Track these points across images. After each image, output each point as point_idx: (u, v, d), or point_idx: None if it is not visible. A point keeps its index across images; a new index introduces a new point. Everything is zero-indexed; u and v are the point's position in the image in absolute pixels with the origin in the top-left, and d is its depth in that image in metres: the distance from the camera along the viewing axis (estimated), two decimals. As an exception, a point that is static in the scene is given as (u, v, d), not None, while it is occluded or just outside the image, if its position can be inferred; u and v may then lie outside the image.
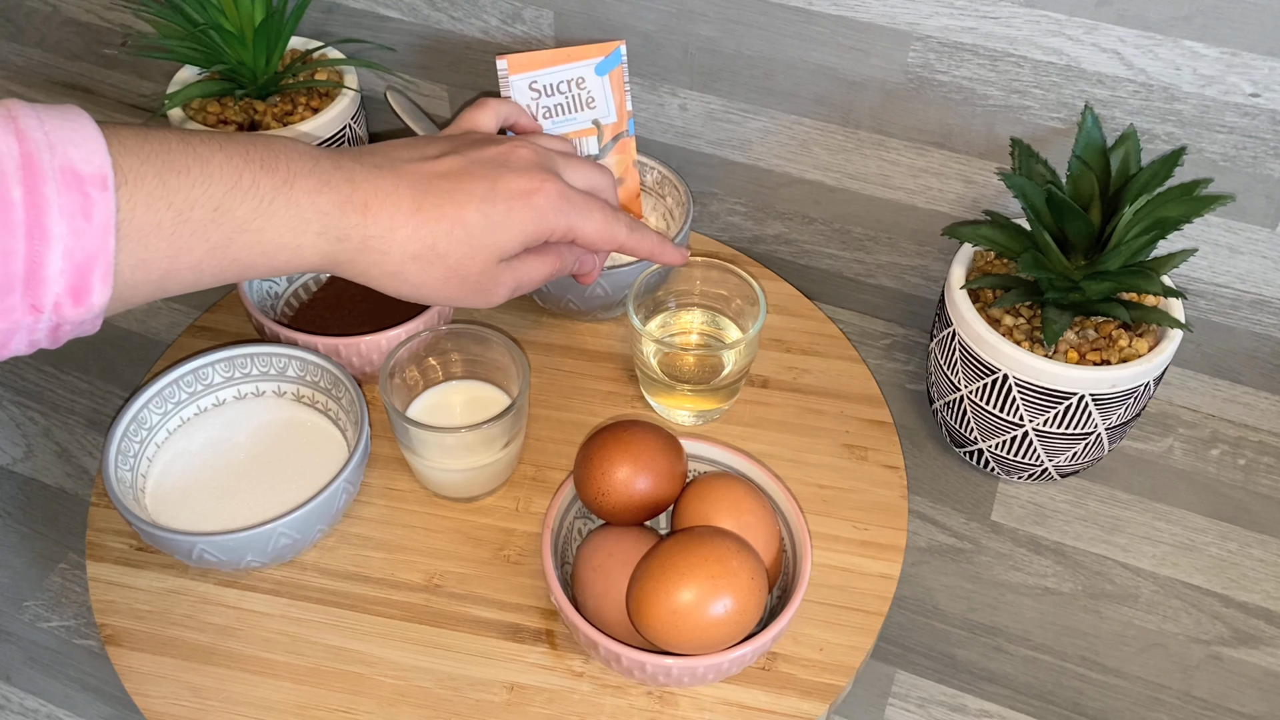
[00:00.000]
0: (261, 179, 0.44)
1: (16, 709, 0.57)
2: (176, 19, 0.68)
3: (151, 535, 0.54)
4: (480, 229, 0.49)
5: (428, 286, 0.50)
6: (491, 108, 0.59)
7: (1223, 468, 0.68)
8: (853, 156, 0.70)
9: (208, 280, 0.44)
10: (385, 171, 0.48)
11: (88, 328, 0.41)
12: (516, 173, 0.51)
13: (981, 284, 0.61)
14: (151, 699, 0.53)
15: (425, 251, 0.48)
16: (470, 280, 0.50)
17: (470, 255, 0.49)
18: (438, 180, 0.49)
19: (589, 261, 0.58)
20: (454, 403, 0.62)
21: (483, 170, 0.51)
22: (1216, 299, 0.68)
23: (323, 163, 0.47)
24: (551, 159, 0.54)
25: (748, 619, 0.48)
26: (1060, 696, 0.58)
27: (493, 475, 0.60)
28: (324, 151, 0.48)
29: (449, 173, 0.50)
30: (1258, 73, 0.58)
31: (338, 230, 0.46)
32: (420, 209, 0.48)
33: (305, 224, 0.45)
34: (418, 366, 0.61)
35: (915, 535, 0.64)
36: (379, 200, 0.47)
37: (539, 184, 0.51)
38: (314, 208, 0.45)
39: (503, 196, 0.50)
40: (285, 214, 0.45)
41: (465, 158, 0.51)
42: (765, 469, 0.56)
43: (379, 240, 0.47)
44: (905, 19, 0.62)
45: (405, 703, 0.53)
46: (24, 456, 0.68)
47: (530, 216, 0.51)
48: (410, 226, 0.48)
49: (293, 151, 0.46)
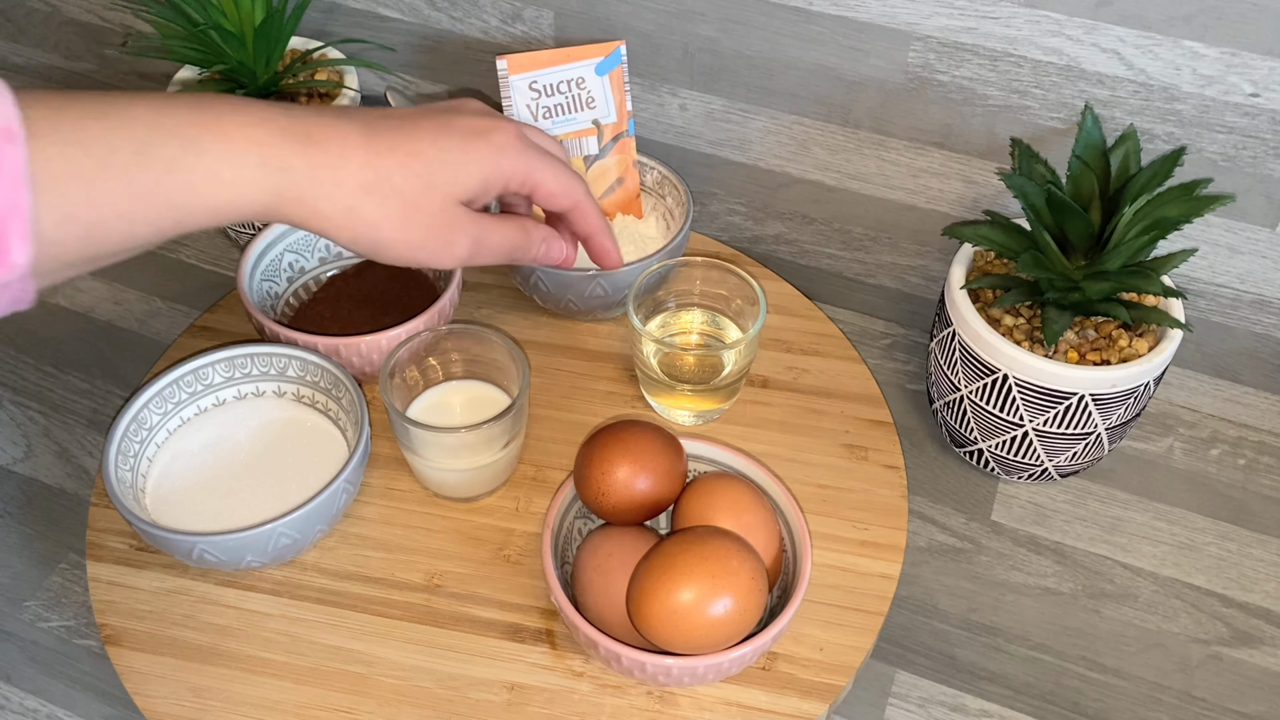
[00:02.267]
0: (188, 117, 0.42)
1: (16, 709, 0.57)
2: (176, 19, 0.68)
3: (151, 535, 0.54)
4: (436, 162, 0.47)
5: (386, 226, 0.47)
6: None
7: (1223, 468, 0.68)
8: (853, 156, 0.70)
9: (143, 232, 0.41)
10: (327, 113, 0.46)
11: (18, 294, 0.38)
12: (470, 115, 0.50)
13: (981, 284, 0.61)
14: (151, 699, 0.53)
15: (379, 183, 0.46)
16: (430, 221, 0.48)
17: (427, 190, 0.47)
18: (387, 120, 0.48)
19: (557, 249, 0.56)
20: (454, 403, 0.62)
21: (434, 113, 0.49)
22: (1216, 299, 0.68)
23: (258, 104, 0.44)
24: (506, 118, 0.53)
25: (748, 619, 0.48)
26: (1060, 696, 0.58)
27: (493, 475, 0.60)
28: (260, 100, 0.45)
29: (399, 115, 0.48)
30: (1258, 73, 0.58)
31: (279, 160, 0.43)
32: (370, 140, 0.46)
33: (241, 155, 0.43)
34: (418, 366, 0.61)
35: (915, 535, 0.64)
36: (323, 132, 0.45)
37: (494, 123, 0.50)
38: (249, 139, 0.43)
39: (458, 132, 0.48)
40: (217, 149, 0.42)
41: (415, 108, 0.50)
42: (765, 469, 0.56)
43: (329, 170, 0.45)
44: (905, 19, 0.62)
45: (405, 703, 0.53)
46: (24, 456, 0.68)
47: (488, 154, 0.49)
48: (362, 155, 0.45)
49: (223, 98, 0.44)
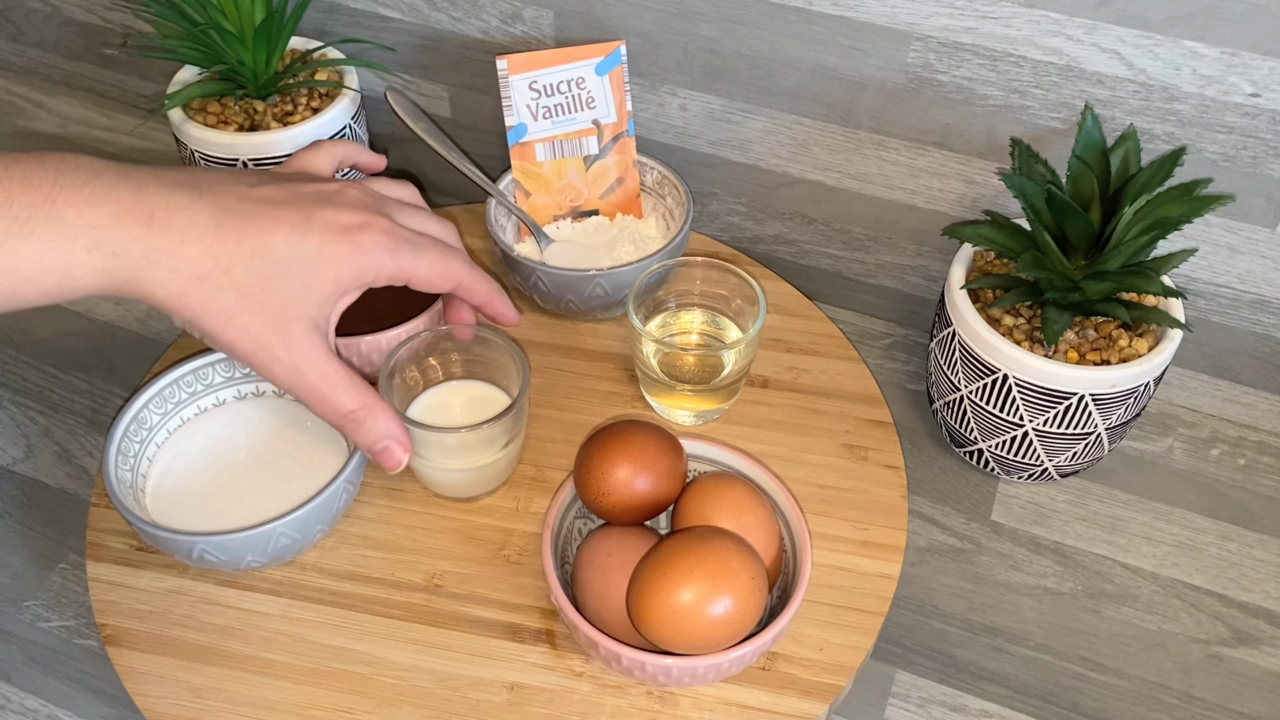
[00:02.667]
0: (17, 196, 0.39)
1: (16, 709, 0.57)
2: (176, 19, 0.68)
3: (151, 535, 0.54)
4: (286, 261, 0.43)
5: (210, 316, 0.43)
6: (325, 149, 0.54)
7: (1223, 468, 0.68)
8: (853, 156, 0.70)
9: None
10: (185, 188, 0.43)
11: None
12: (339, 208, 0.46)
13: (981, 284, 0.61)
14: (151, 699, 0.53)
15: (217, 274, 0.42)
16: (259, 324, 0.44)
17: (268, 290, 0.43)
18: (246, 204, 0.44)
19: (393, 458, 0.50)
20: (454, 403, 0.62)
21: (301, 202, 0.45)
22: (1216, 299, 0.68)
23: (105, 175, 0.42)
24: (384, 202, 0.49)
25: (748, 619, 0.48)
26: (1060, 696, 0.58)
27: (493, 475, 0.60)
28: (118, 166, 0.43)
29: (262, 200, 0.45)
30: (1258, 73, 0.58)
31: (113, 244, 0.41)
32: (219, 227, 0.43)
33: (71, 240, 0.40)
34: (418, 366, 0.61)
35: (915, 535, 0.64)
36: (168, 213, 0.42)
37: (363, 220, 0.46)
38: (82, 220, 0.40)
39: (319, 229, 0.45)
40: (45, 230, 0.40)
41: (285, 189, 0.46)
42: (765, 469, 0.56)
43: (165, 255, 0.42)
44: (905, 19, 0.62)
45: (405, 703, 0.53)
46: (24, 456, 0.68)
47: (349, 252, 0.45)
48: (204, 243, 0.42)
49: (68, 165, 0.41)
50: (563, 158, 0.70)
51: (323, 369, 0.46)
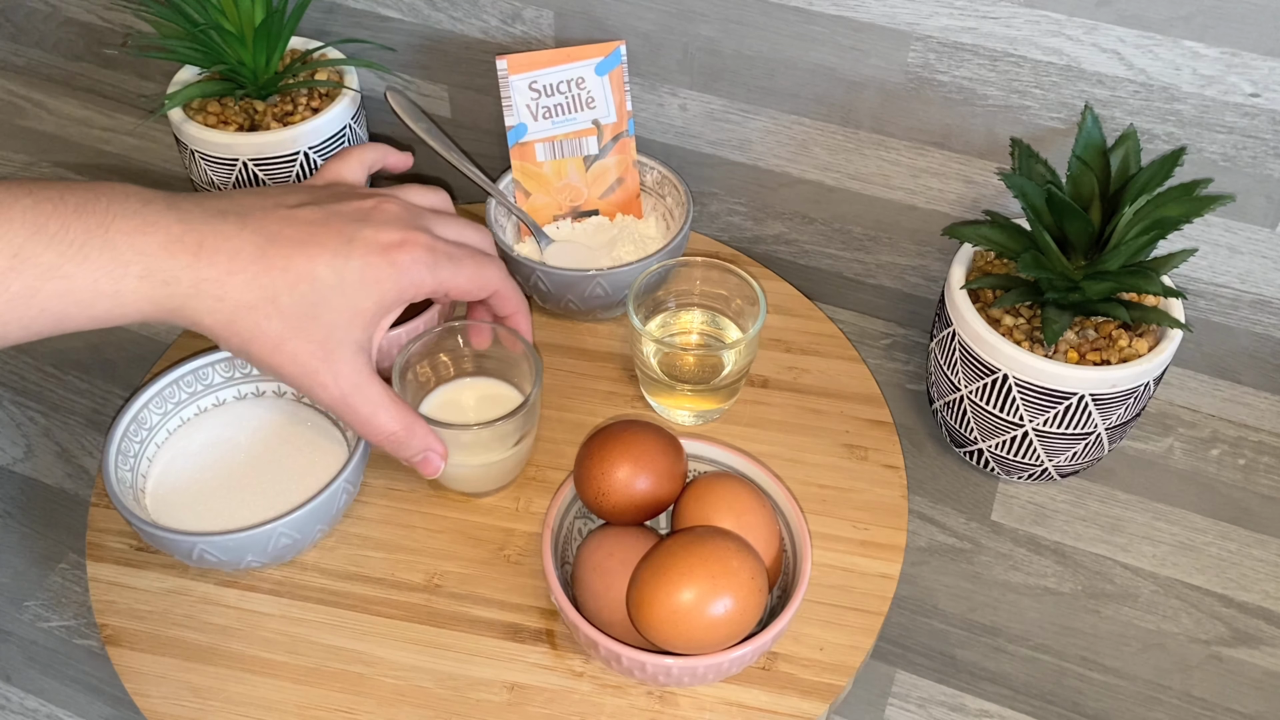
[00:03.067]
0: (73, 223, 0.40)
1: (16, 709, 0.57)
2: (176, 19, 0.68)
3: (151, 535, 0.54)
4: (330, 286, 0.45)
5: (258, 343, 0.44)
6: (356, 156, 0.55)
7: (1223, 468, 0.68)
8: (853, 156, 0.70)
9: (16, 334, 0.40)
10: (229, 216, 0.44)
11: None
12: (378, 227, 0.47)
13: (981, 284, 0.61)
14: (151, 699, 0.53)
15: (263, 303, 0.44)
16: (309, 350, 0.45)
17: (314, 318, 0.44)
18: (289, 228, 0.45)
19: (433, 465, 0.53)
20: (466, 400, 0.62)
21: (341, 224, 0.46)
22: (1216, 299, 0.68)
23: (154, 204, 0.43)
24: (420, 214, 0.50)
25: (748, 619, 0.48)
26: (1060, 696, 0.58)
27: (505, 471, 0.60)
28: (163, 195, 0.44)
29: (303, 222, 0.46)
30: (1258, 73, 0.58)
31: (163, 273, 0.42)
32: (264, 255, 0.44)
33: (124, 267, 0.41)
34: (430, 363, 0.61)
35: (915, 535, 0.64)
36: (215, 242, 0.43)
37: (402, 237, 0.47)
38: (134, 249, 0.41)
39: (360, 251, 0.46)
40: (100, 258, 0.41)
41: (324, 209, 0.47)
42: (765, 469, 0.56)
43: (212, 284, 0.43)
44: (905, 19, 0.62)
45: (405, 703, 0.53)
46: (24, 456, 0.68)
47: (390, 274, 0.46)
48: (249, 273, 0.43)
49: (118, 194, 0.42)
50: (563, 158, 0.70)
51: (367, 393, 0.48)
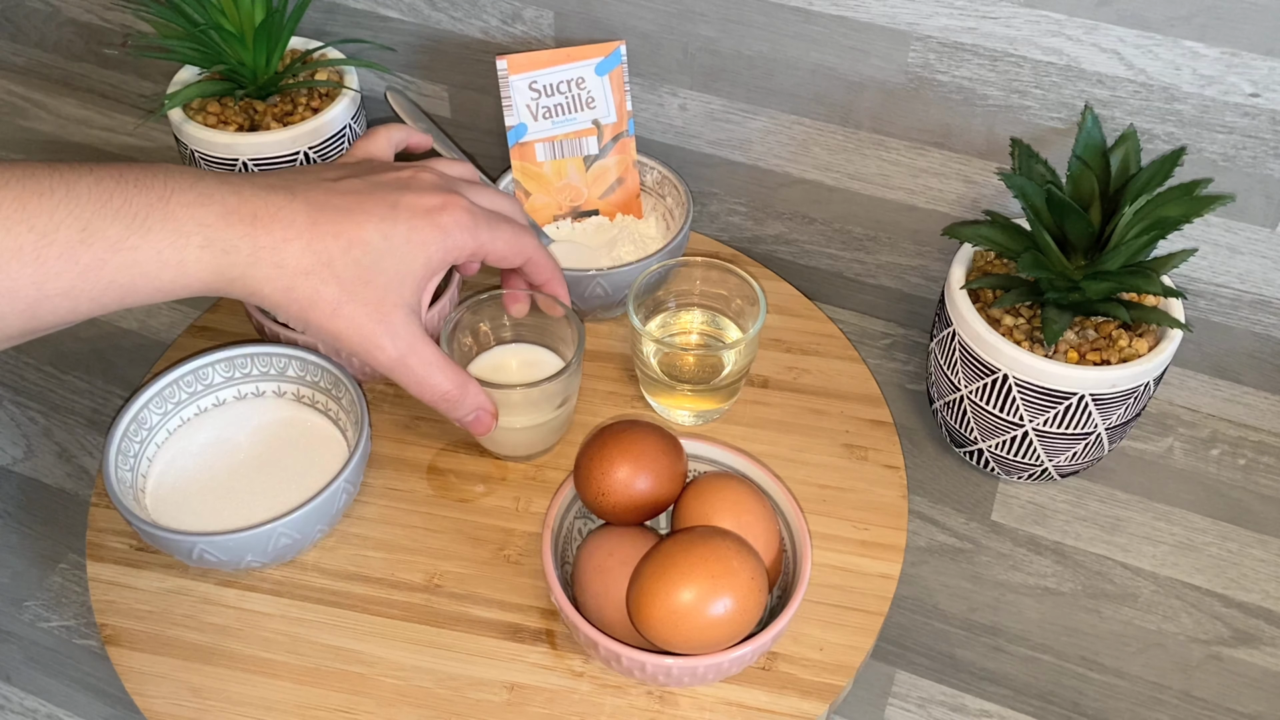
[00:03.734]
0: (135, 196, 0.42)
1: (16, 709, 0.57)
2: (176, 19, 0.68)
3: (151, 535, 0.54)
4: (380, 249, 0.46)
5: (318, 309, 0.46)
6: (383, 135, 0.56)
7: (1223, 468, 0.68)
8: (853, 156, 0.70)
9: (85, 308, 0.42)
10: (278, 190, 0.46)
11: None
12: (419, 192, 0.49)
13: (981, 284, 0.61)
14: (151, 699, 0.53)
15: (319, 268, 0.45)
16: (361, 313, 0.47)
17: (365, 281, 0.46)
18: (335, 198, 0.47)
19: (484, 423, 0.55)
20: (510, 363, 0.64)
21: (384, 191, 0.48)
22: (1216, 299, 0.68)
23: (207, 179, 0.45)
24: (454, 182, 0.52)
25: (748, 619, 0.48)
26: (1060, 696, 0.58)
27: (550, 433, 0.62)
28: (216, 174, 0.46)
29: (348, 192, 0.47)
30: (1258, 73, 0.58)
31: (223, 242, 0.44)
32: (315, 223, 0.46)
33: (186, 238, 0.43)
34: (472, 331, 0.63)
35: (915, 535, 0.64)
36: (270, 212, 0.45)
37: (443, 201, 0.49)
38: (194, 220, 0.43)
39: (405, 215, 0.48)
40: (162, 229, 0.42)
41: (366, 180, 0.49)
42: (765, 469, 0.56)
43: (270, 252, 0.45)
44: (905, 19, 0.62)
45: (405, 703, 0.53)
46: (24, 456, 0.68)
47: (435, 236, 0.48)
48: (304, 239, 0.45)
49: (174, 171, 0.44)
50: (563, 158, 0.70)
51: (422, 354, 0.50)
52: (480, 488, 0.62)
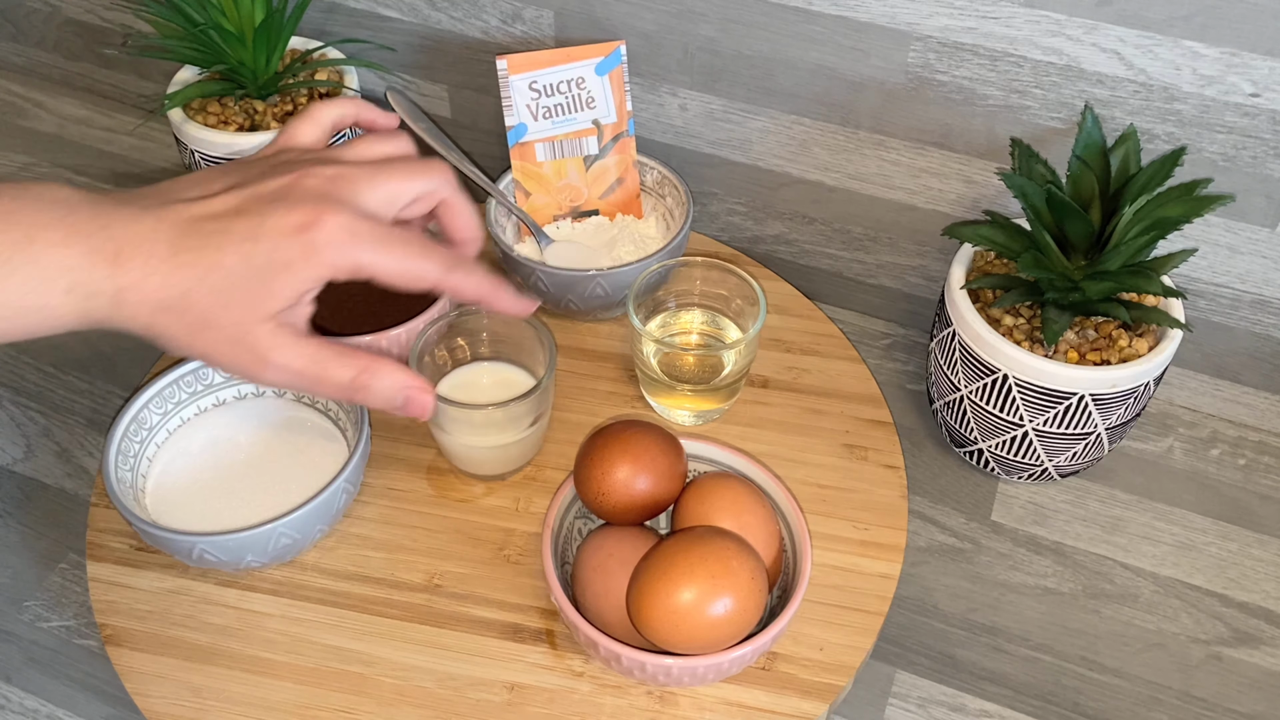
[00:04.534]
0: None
1: (16, 709, 0.57)
2: (176, 19, 0.68)
3: (151, 535, 0.54)
4: (239, 274, 0.44)
5: (179, 341, 0.44)
6: (312, 117, 0.52)
7: (1223, 468, 0.68)
8: (853, 156, 0.70)
9: None
10: (148, 214, 0.44)
11: None
12: (291, 206, 0.45)
13: (981, 284, 0.61)
14: (151, 699, 0.53)
15: (176, 301, 0.43)
16: (226, 336, 0.44)
17: (224, 305, 0.44)
18: (205, 222, 0.44)
19: (419, 404, 0.49)
20: (482, 382, 0.63)
21: (256, 206, 0.45)
22: (1216, 299, 0.68)
23: (79, 210, 0.43)
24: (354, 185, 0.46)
25: (748, 619, 0.48)
26: (1060, 696, 0.58)
27: (519, 454, 0.61)
28: (88, 196, 0.44)
29: (220, 213, 0.45)
30: (1258, 73, 0.58)
31: (87, 286, 0.42)
32: (176, 253, 0.43)
33: (50, 282, 0.41)
34: (446, 347, 0.62)
35: (915, 535, 0.64)
36: (132, 247, 0.43)
37: (314, 216, 0.44)
38: (58, 264, 0.41)
39: (270, 235, 0.44)
40: (26, 272, 0.41)
41: (246, 193, 0.45)
42: (765, 469, 0.56)
43: (132, 291, 0.43)
44: (905, 19, 0.62)
45: (405, 703, 0.53)
46: (24, 456, 0.68)
47: (302, 255, 0.44)
48: (163, 273, 0.43)
49: (44, 201, 0.42)
50: (563, 158, 0.70)
51: (304, 354, 0.46)
52: (480, 488, 0.62)
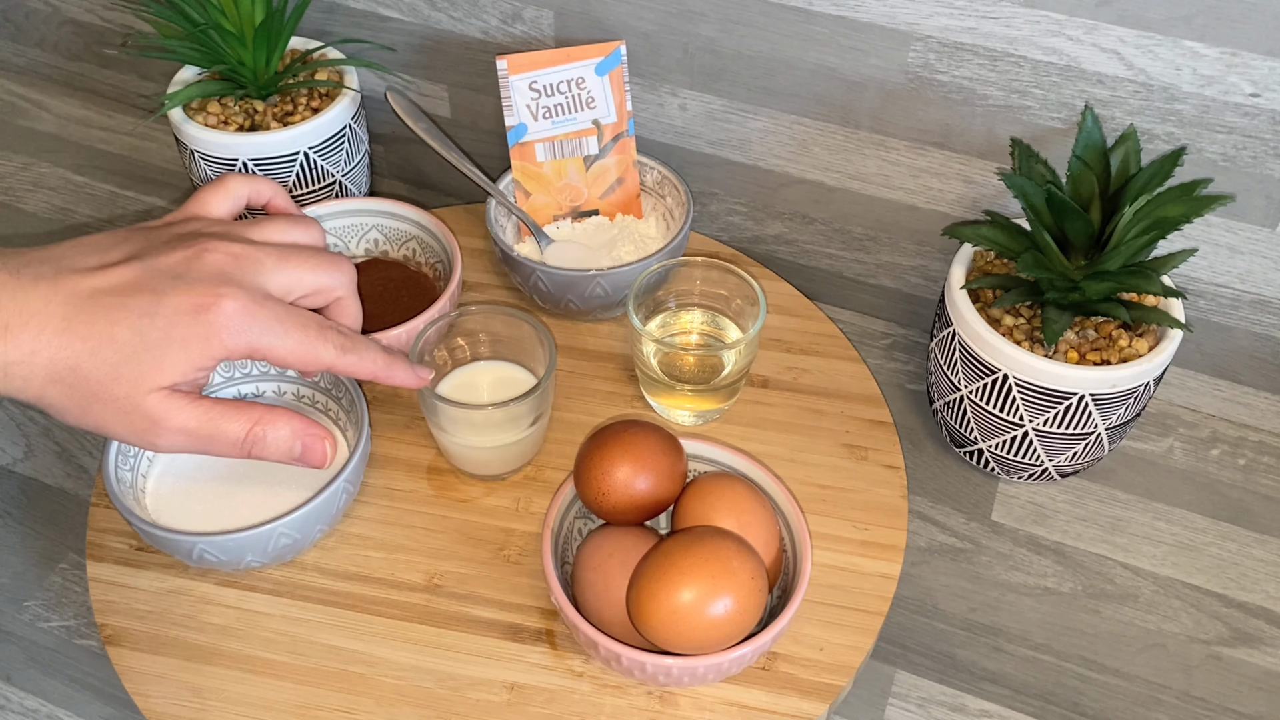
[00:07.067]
0: None
1: (16, 709, 0.57)
2: (176, 19, 0.68)
3: (151, 535, 0.54)
4: (131, 348, 0.44)
5: (70, 414, 0.45)
6: (224, 192, 0.52)
7: (1223, 468, 0.68)
8: (853, 156, 0.70)
9: None
10: (43, 284, 0.44)
11: None
12: (190, 284, 0.45)
13: (981, 284, 0.61)
14: (151, 699, 0.53)
15: (66, 374, 0.43)
16: (116, 408, 0.44)
17: (115, 378, 0.44)
18: (101, 295, 0.44)
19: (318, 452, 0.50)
20: (481, 382, 0.63)
21: (155, 281, 0.45)
22: (1216, 299, 0.68)
23: None
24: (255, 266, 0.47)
25: (748, 619, 0.48)
26: (1060, 696, 0.58)
27: (518, 454, 0.61)
28: None
29: (116, 286, 0.45)
30: (1258, 73, 0.58)
31: None
32: (69, 326, 0.43)
33: None
34: (446, 347, 0.62)
35: (915, 535, 0.64)
36: (22, 321, 0.43)
37: (213, 298, 0.45)
38: None
39: (167, 312, 0.44)
40: None
41: (144, 265, 0.45)
42: (765, 469, 0.56)
43: (20, 366, 0.43)
44: (905, 19, 0.62)
45: (405, 703, 0.53)
46: (24, 456, 0.68)
47: (198, 334, 0.44)
48: (53, 348, 0.43)
49: None
50: (563, 158, 0.70)
51: (194, 416, 0.46)
52: (480, 488, 0.62)
